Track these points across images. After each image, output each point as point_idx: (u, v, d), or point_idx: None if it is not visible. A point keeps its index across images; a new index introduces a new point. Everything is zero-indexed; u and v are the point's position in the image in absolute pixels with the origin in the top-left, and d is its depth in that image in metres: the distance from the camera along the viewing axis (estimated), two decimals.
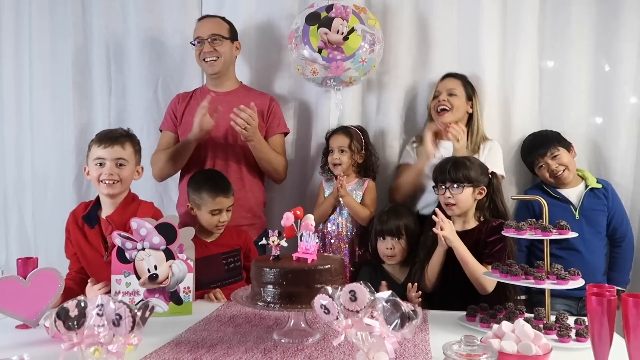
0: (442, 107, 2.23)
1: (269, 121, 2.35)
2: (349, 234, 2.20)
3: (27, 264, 1.49)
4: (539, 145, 2.24)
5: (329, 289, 1.10)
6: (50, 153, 2.76)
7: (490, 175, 1.96)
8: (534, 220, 1.50)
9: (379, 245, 2.05)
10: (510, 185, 2.40)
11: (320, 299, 1.11)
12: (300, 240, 1.39)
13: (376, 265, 2.08)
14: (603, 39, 2.39)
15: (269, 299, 1.31)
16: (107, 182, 1.81)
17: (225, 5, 2.63)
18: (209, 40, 2.24)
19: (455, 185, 1.88)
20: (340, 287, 1.14)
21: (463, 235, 1.85)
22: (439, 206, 1.94)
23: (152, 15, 2.68)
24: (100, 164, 1.82)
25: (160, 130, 2.42)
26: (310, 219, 1.44)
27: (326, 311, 1.11)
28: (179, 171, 2.37)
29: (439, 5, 2.44)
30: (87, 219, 1.86)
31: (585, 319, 1.33)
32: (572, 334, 1.36)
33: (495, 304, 1.61)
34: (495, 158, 2.22)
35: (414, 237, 2.03)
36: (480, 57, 2.41)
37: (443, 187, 1.91)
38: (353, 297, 1.12)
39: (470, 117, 2.29)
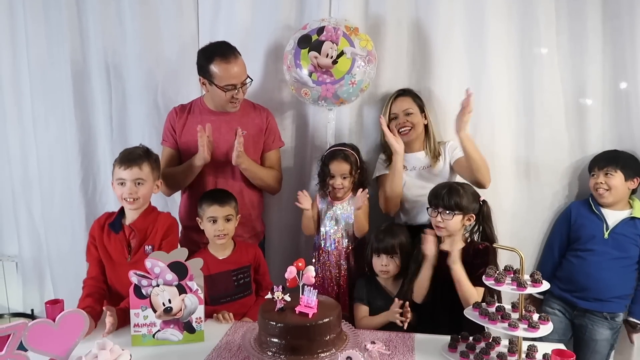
0: (404, 127, 2.36)
1: (266, 137, 2.44)
2: (344, 247, 2.36)
3: (54, 308, 1.66)
4: (605, 159, 2.34)
5: None
6: (55, 158, 2.87)
7: (481, 203, 2.10)
8: (512, 266, 1.66)
9: (374, 261, 2.20)
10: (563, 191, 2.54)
11: None
12: (302, 293, 1.56)
13: (371, 278, 2.25)
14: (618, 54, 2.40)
15: (274, 349, 1.49)
16: (128, 199, 2.03)
17: (221, 11, 2.64)
18: (240, 86, 2.26)
19: (447, 212, 2.03)
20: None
21: (450, 254, 2.03)
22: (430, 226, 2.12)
23: (148, 21, 2.68)
24: (122, 184, 2.04)
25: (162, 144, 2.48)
26: (311, 271, 1.59)
27: None
28: None
29: (440, 20, 2.45)
30: (112, 226, 2.08)
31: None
32: None
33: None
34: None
35: (408, 254, 2.18)
36: (487, 71, 2.45)
37: (436, 210, 2.06)
38: None
39: (426, 127, 2.42)
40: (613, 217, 2.33)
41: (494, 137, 2.47)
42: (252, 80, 2.31)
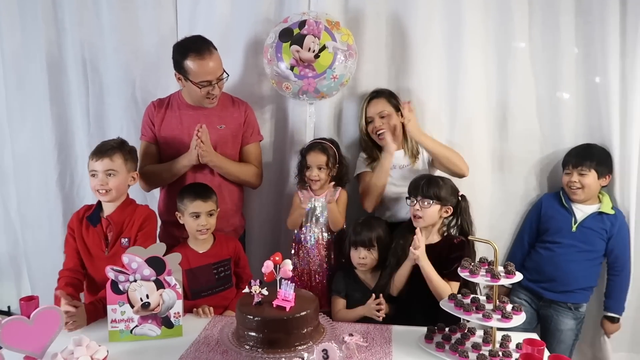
0: (381, 130, 2.36)
1: (245, 131, 2.43)
2: (324, 241, 2.37)
3: (29, 305, 1.64)
4: (579, 156, 2.36)
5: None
6: (31, 152, 2.82)
7: (460, 197, 2.13)
8: (486, 258, 1.69)
9: (352, 254, 2.22)
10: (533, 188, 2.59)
11: None
12: (280, 287, 1.56)
13: (349, 270, 2.26)
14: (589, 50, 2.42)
15: (251, 343, 1.50)
16: (100, 191, 2.03)
17: (200, 3, 2.61)
18: (215, 82, 2.23)
19: (425, 201, 2.06)
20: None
21: (427, 248, 2.05)
22: (409, 220, 2.15)
23: (125, 12, 2.64)
24: (94, 175, 2.04)
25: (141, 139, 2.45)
26: (288, 265, 1.60)
27: None
28: None
29: (418, 14, 2.46)
30: (90, 218, 2.08)
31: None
32: None
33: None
34: None
35: (386, 246, 2.20)
36: (464, 65, 2.47)
37: (414, 200, 2.09)
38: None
39: (404, 125, 2.40)
40: (582, 211, 2.38)
41: (470, 130, 2.50)
42: (228, 75, 2.29)
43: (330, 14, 2.38)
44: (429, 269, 1.96)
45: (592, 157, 2.36)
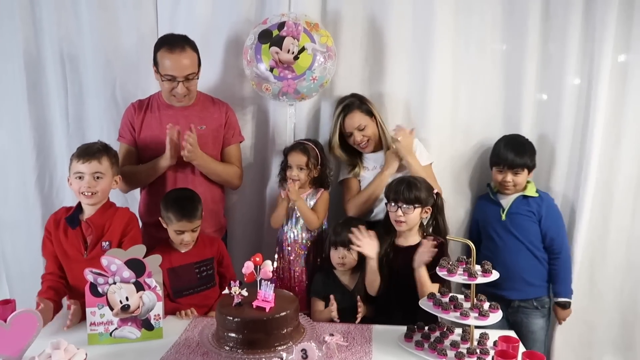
0: (362, 142, 2.39)
1: (226, 132, 2.42)
2: (304, 242, 2.38)
3: (5, 309, 1.62)
4: (515, 155, 2.36)
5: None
6: (9, 154, 2.77)
7: (435, 196, 2.16)
8: (464, 257, 1.72)
9: (332, 254, 2.23)
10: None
11: None
12: (260, 288, 1.57)
13: (329, 271, 2.27)
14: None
15: (231, 344, 1.50)
16: (86, 193, 2.00)
17: (181, 2, 2.60)
18: (182, 80, 2.22)
19: (407, 206, 2.06)
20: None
21: (407, 250, 2.08)
22: (385, 221, 2.16)
23: (105, 11, 2.61)
24: (80, 178, 2.01)
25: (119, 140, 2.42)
26: (268, 266, 1.61)
27: None
28: None
29: (392, 16, 2.49)
30: (69, 220, 2.05)
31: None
32: (489, 358, 1.63)
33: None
34: (422, 153, 2.41)
35: None
36: (434, 66, 2.50)
37: (396, 205, 2.09)
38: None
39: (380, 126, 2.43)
40: (508, 200, 2.42)
41: (439, 132, 2.55)
42: (198, 78, 2.27)
43: (309, 15, 2.39)
44: (424, 276, 1.95)
45: (525, 155, 2.38)
